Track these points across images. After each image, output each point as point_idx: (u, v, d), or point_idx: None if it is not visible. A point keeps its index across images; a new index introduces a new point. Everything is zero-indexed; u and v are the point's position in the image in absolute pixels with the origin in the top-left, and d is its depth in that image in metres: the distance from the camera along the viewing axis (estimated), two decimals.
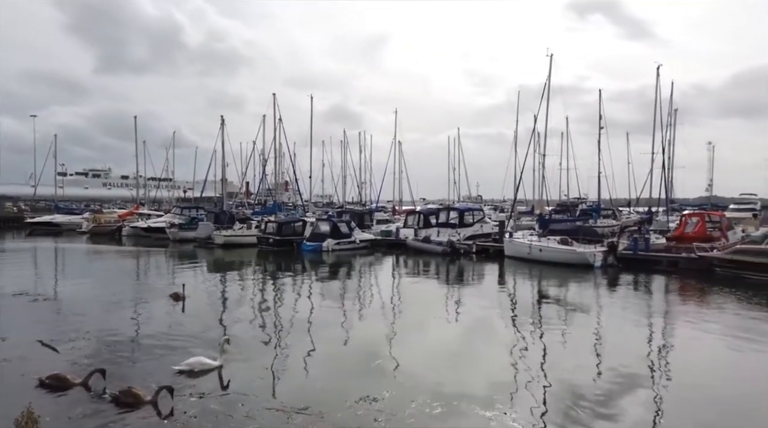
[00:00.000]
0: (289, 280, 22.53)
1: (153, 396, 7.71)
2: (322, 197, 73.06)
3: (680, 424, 7.22)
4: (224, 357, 9.66)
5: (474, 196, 75.30)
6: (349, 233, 33.05)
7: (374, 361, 10.10)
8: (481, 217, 36.14)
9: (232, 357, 9.97)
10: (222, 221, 38.58)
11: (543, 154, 35.70)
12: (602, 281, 21.41)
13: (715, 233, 27.52)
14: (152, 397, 7.70)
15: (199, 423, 7.19)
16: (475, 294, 19.24)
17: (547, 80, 32.47)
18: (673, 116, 37.43)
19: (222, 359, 9.56)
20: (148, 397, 7.71)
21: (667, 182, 36.41)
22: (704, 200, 61.29)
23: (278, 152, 49.59)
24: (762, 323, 14.04)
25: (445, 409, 7.68)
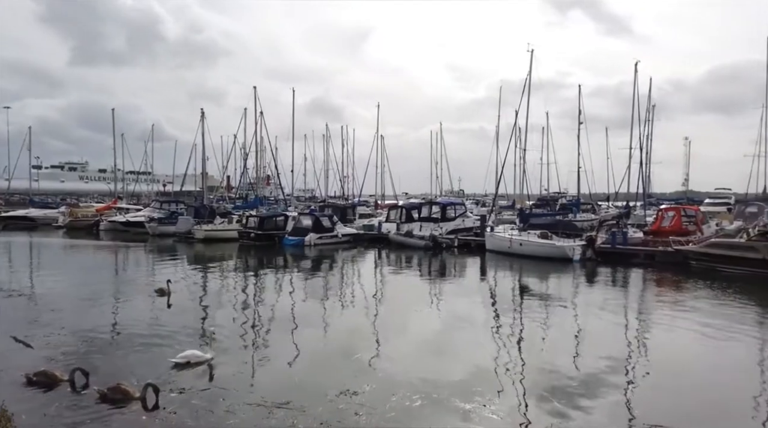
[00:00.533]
0: (271, 275, 22.42)
1: (141, 393, 7.65)
2: (305, 191, 72.70)
3: (656, 412, 7.39)
4: (214, 348, 9.73)
5: (456, 190, 75.61)
6: (332, 228, 32.99)
7: (355, 355, 10.13)
8: (463, 211, 36.34)
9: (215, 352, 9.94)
10: (202, 215, 38.16)
11: (524, 149, 36.03)
12: (581, 274, 21.74)
13: (691, 227, 28.10)
14: (140, 393, 7.64)
15: (179, 418, 7.15)
16: (456, 288, 19.39)
17: (528, 76, 32.69)
18: (650, 111, 38.01)
19: (212, 351, 9.63)
20: (137, 394, 7.65)
21: (644, 177, 37.05)
22: (681, 195, 62.47)
23: (259, 145, 49.12)
24: (734, 314, 14.40)
25: (426, 402, 7.75)
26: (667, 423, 6.93)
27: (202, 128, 45.18)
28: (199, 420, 7.10)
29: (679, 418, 7.15)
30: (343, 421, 7.01)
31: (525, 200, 43.48)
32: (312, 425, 6.91)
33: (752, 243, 20.67)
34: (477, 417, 7.28)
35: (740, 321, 13.52)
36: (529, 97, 32.98)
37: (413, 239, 31.16)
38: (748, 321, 13.82)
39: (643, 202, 37.87)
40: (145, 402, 7.53)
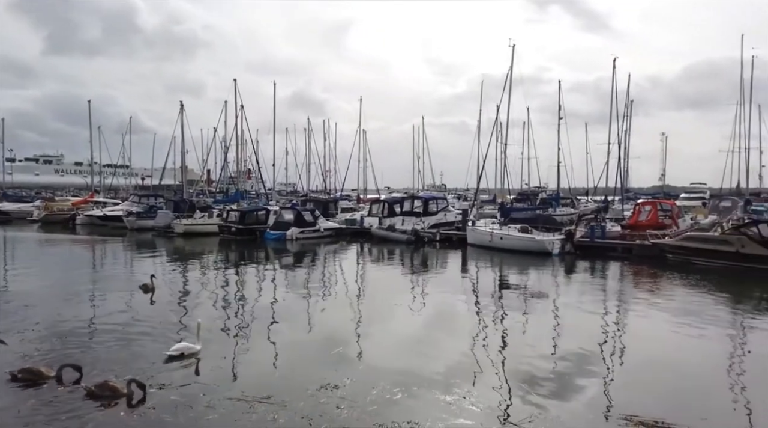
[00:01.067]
0: (253, 269, 22.28)
1: (128, 389, 7.57)
2: (286, 185, 72.22)
3: (632, 403, 7.54)
4: (201, 339, 9.76)
5: (438, 185, 75.91)
6: (314, 222, 32.88)
7: (335, 349, 10.13)
8: (445, 206, 36.51)
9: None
10: (182, 209, 37.71)
11: (505, 143, 36.25)
12: (560, 268, 22.04)
13: (667, 221, 28.68)
14: (127, 390, 7.56)
15: (156, 414, 7.08)
16: (438, 282, 19.50)
17: (509, 71, 32.88)
18: (629, 107, 38.58)
19: (200, 342, 9.66)
20: (125, 390, 7.57)
21: (622, 172, 37.65)
22: (657, 189, 63.62)
23: (240, 139, 48.58)
24: (708, 306, 14.77)
25: (406, 394, 7.80)
26: (643, 413, 7.08)
27: (182, 121, 44.56)
28: (177, 416, 7.05)
29: (654, 408, 7.30)
30: (325, 415, 7.02)
31: (506, 195, 43.84)
32: (293, 419, 6.91)
33: (726, 237, 21.18)
34: (457, 409, 7.35)
35: (714, 313, 13.87)
36: (510, 93, 33.21)
37: (395, 233, 31.22)
38: (722, 312, 14.19)
39: (621, 196, 38.48)
40: (131, 399, 7.46)
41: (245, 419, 6.92)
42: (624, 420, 6.91)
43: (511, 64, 32.76)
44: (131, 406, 7.31)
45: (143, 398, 7.46)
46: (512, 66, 32.75)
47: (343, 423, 6.79)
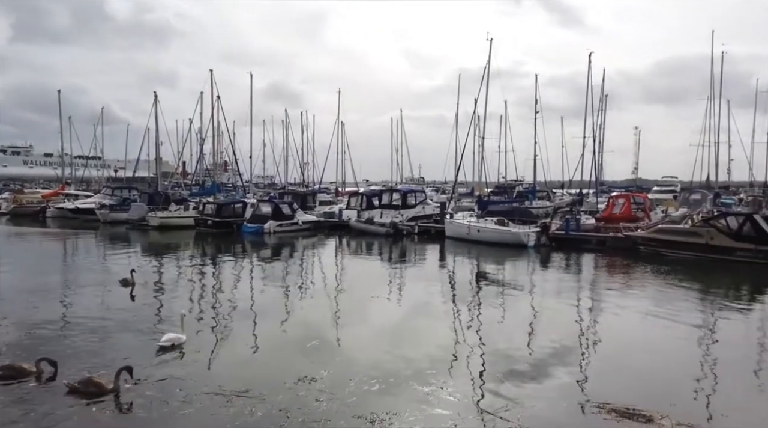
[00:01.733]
0: (230, 262, 22.06)
1: (114, 383, 7.46)
2: (264, 177, 71.45)
3: (606, 391, 7.71)
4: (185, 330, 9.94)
5: (417, 177, 76.05)
6: (292, 215, 32.67)
7: (311, 341, 10.12)
8: (423, 199, 36.65)
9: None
10: (157, 202, 37.07)
11: (482, 137, 36.51)
12: (535, 260, 22.36)
13: (640, 214, 29.34)
14: (114, 384, 7.45)
15: (131, 410, 6.98)
16: (415, 274, 19.60)
17: (486, 65, 32.98)
18: (603, 101, 39.17)
19: (185, 333, 9.83)
20: (110, 385, 7.44)
21: (597, 165, 38.21)
22: (630, 183, 64.95)
23: (217, 130, 47.83)
24: (679, 296, 15.16)
25: (383, 386, 7.84)
26: (615, 400, 7.26)
27: (156, 112, 43.70)
28: (152, 411, 6.96)
29: (626, 395, 7.48)
30: (304, 407, 7.02)
31: (484, 188, 44.18)
32: (271, 412, 6.89)
33: (696, 229, 21.75)
34: (435, 399, 7.42)
35: (684, 303, 14.26)
36: (488, 87, 33.36)
37: (374, 226, 31.24)
38: (692, 302, 14.60)
39: (596, 189, 39.11)
40: (118, 395, 7.37)
41: (222, 413, 6.88)
42: (597, 408, 7.08)
43: (488, 58, 32.88)
44: (117, 400, 7.24)
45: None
46: (489, 60, 32.87)
47: (322, 416, 6.80)
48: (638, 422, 6.59)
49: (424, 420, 6.74)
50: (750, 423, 6.83)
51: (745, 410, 7.39)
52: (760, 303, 15.41)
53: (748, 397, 7.93)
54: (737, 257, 20.08)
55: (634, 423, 6.57)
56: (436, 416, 6.88)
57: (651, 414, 6.71)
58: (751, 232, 20.62)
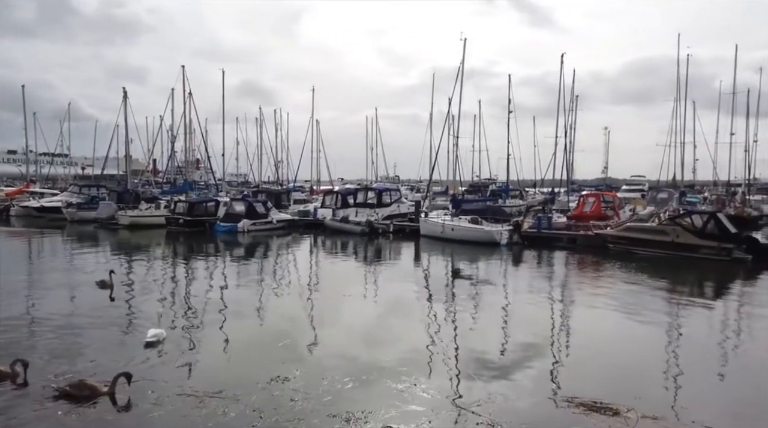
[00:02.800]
0: (203, 262, 21.75)
1: (110, 387, 7.33)
2: (237, 176, 70.59)
3: (577, 385, 7.87)
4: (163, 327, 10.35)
5: (392, 176, 76.19)
6: (266, 214, 32.40)
7: (283, 341, 10.10)
8: (398, 197, 36.81)
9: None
10: (126, 200, 36.34)
11: (456, 136, 36.80)
12: (508, 258, 22.68)
13: (609, 212, 30.04)
14: (109, 388, 7.32)
15: (98, 413, 6.84)
16: (390, 272, 19.67)
17: (461, 65, 33.29)
18: (574, 102, 39.92)
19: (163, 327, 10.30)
20: (105, 388, 7.30)
21: (568, 165, 38.96)
22: (601, 181, 66.38)
23: (188, 128, 47.03)
24: (645, 292, 15.62)
25: (357, 384, 7.87)
26: (584, 394, 7.44)
27: (125, 108, 42.65)
28: (120, 414, 6.84)
29: (594, 389, 7.67)
30: (279, 408, 6.98)
31: (458, 186, 44.55)
32: (245, 412, 6.85)
33: (662, 227, 22.40)
34: (410, 396, 7.49)
35: (651, 299, 14.68)
36: (461, 86, 33.66)
37: (349, 224, 31.20)
38: (658, 298, 15.02)
39: (567, 188, 39.87)
40: (113, 397, 7.26)
41: (194, 414, 6.80)
42: (566, 402, 7.25)
43: (462, 58, 33.20)
44: (115, 404, 7.13)
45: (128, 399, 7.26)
46: (464, 60, 33.20)
47: (297, 415, 6.78)
48: (605, 415, 6.77)
49: (399, 417, 6.79)
50: (711, 413, 7.09)
51: (707, 401, 7.66)
52: (722, 299, 15.95)
53: (711, 389, 8.23)
54: (702, 254, 20.75)
55: (601, 416, 6.75)
56: (411, 412, 6.95)
57: (618, 408, 6.91)
58: (714, 230, 21.32)
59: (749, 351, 10.42)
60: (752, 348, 10.63)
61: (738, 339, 11.39)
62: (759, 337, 11.52)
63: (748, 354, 10.19)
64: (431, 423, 6.64)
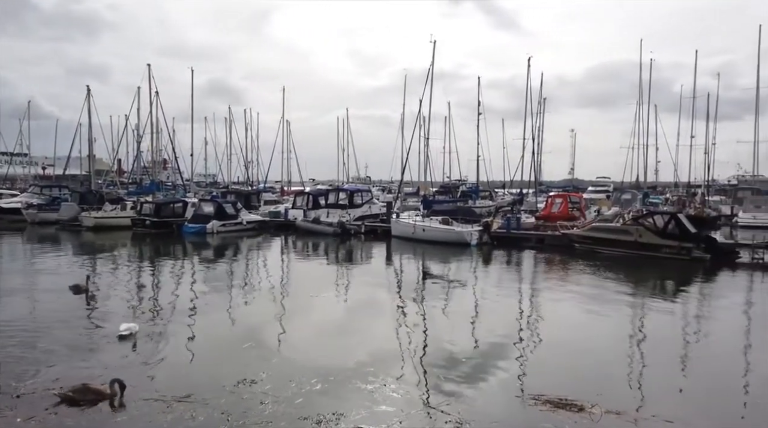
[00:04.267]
0: (170, 264, 21.32)
1: (111, 390, 7.19)
2: (206, 176, 69.47)
3: (543, 383, 8.03)
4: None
5: (363, 177, 76.19)
6: (236, 215, 32.00)
7: (247, 343, 10.05)
8: (370, 198, 36.85)
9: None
10: (89, 201, 35.37)
11: (427, 138, 37.09)
12: (478, 258, 22.98)
13: (576, 213, 30.76)
14: (110, 391, 7.18)
15: (58, 419, 6.64)
16: (361, 273, 19.68)
17: (430, 67, 33.60)
18: (542, 104, 40.76)
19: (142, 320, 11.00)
20: (107, 391, 7.18)
21: (536, 166, 39.76)
22: (568, 183, 67.91)
23: (155, 127, 46.01)
24: (609, 291, 16.04)
25: (326, 385, 7.86)
26: (549, 391, 7.60)
27: (89, 107, 41.55)
28: (80, 419, 6.66)
29: (560, 387, 7.83)
30: (249, 411, 6.91)
31: (429, 187, 44.89)
32: (212, 416, 6.76)
33: (626, 227, 23.03)
34: (379, 395, 7.52)
35: (615, 297, 15.07)
36: (431, 88, 33.94)
37: (321, 225, 31.08)
38: (622, 296, 15.42)
39: (535, 189, 40.65)
40: (113, 401, 7.14)
41: (160, 419, 6.67)
42: (533, 400, 7.40)
43: (432, 61, 33.50)
44: (113, 407, 7.01)
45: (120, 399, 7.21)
46: (433, 62, 33.52)
47: (268, 418, 6.73)
48: (571, 412, 6.94)
49: (370, 417, 6.81)
50: (672, 407, 7.34)
51: (667, 396, 7.91)
52: (682, 297, 16.49)
53: (671, 384, 8.49)
54: (663, 254, 21.42)
55: (567, 413, 6.92)
56: (382, 413, 6.98)
57: (582, 404, 7.10)
58: (675, 230, 22.04)
59: (707, 346, 10.84)
60: (710, 344, 11.05)
61: (697, 335, 11.82)
62: (717, 333, 11.97)
63: (707, 349, 10.60)
64: (402, 423, 6.68)
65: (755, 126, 45.19)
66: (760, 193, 42.53)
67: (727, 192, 51.06)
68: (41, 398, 7.22)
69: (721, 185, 56.57)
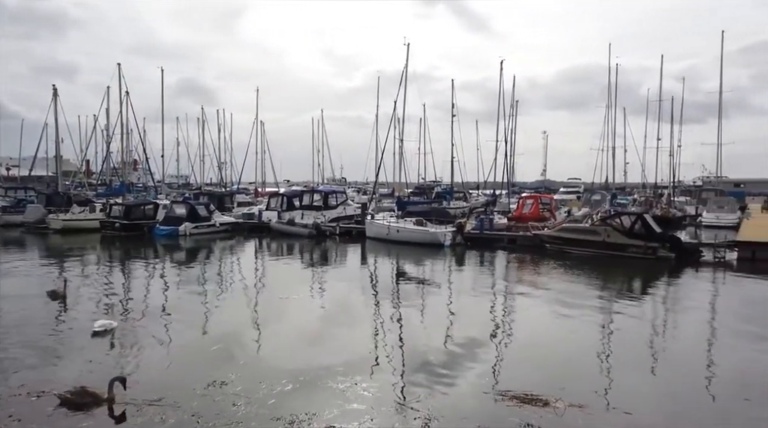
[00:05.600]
0: (141, 267, 20.95)
1: (109, 392, 7.17)
2: (178, 177, 68.38)
3: (514, 380, 8.24)
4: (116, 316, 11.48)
5: (338, 178, 76.10)
6: (209, 216, 31.65)
7: (218, 345, 10.06)
8: (344, 199, 36.85)
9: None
10: (57, 203, 34.54)
11: (401, 139, 37.31)
12: (451, 258, 23.25)
13: (547, 214, 31.37)
14: (109, 393, 7.15)
15: (22, 426, 6.54)
16: (335, 275, 19.72)
17: (404, 69, 33.82)
18: (514, 107, 41.40)
19: (116, 318, 11.31)
20: (105, 395, 7.14)
21: (509, 168, 40.35)
22: (540, 184, 69.12)
23: (126, 127, 45.12)
24: (580, 289, 16.49)
25: (297, 385, 7.92)
26: (519, 387, 7.82)
27: (56, 106, 40.48)
28: (46, 425, 6.57)
29: (529, 383, 8.05)
30: (222, 413, 6.91)
31: (404, 189, 45.14)
32: (183, 419, 6.75)
33: (594, 228, 23.62)
34: (351, 394, 7.62)
35: (584, 295, 15.50)
36: (405, 89, 34.17)
37: (296, 227, 30.99)
38: (592, 294, 15.84)
39: (508, 190, 41.24)
40: (113, 404, 7.12)
41: (131, 422, 6.65)
42: (500, 395, 7.61)
43: (406, 63, 33.72)
44: (111, 410, 7.03)
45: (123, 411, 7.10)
46: (407, 64, 33.74)
47: (241, 419, 6.75)
48: (537, 406, 7.16)
49: (342, 416, 6.90)
50: (632, 399, 7.62)
51: (628, 389, 8.19)
52: (646, 295, 17.02)
53: (632, 378, 8.79)
54: (630, 253, 22.03)
55: (533, 407, 7.14)
56: (353, 411, 7.08)
57: (547, 399, 7.33)
58: (641, 230, 22.71)
59: (669, 342, 11.25)
60: (672, 340, 11.48)
61: (659, 331, 12.25)
62: (678, 329, 12.43)
63: (668, 345, 11.00)
64: (373, 421, 6.79)
65: (718, 129, 46.92)
66: (723, 194, 43.96)
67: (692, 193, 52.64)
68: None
69: (686, 186, 58.32)
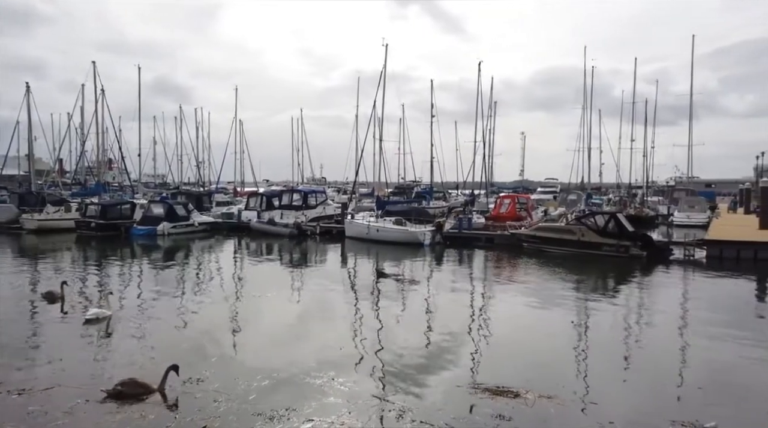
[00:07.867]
0: (117, 267, 20.75)
1: (161, 384, 7.49)
2: (155, 177, 67.54)
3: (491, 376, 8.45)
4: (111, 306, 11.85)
5: (318, 178, 76.02)
6: (187, 216, 31.43)
7: (191, 342, 10.16)
8: (324, 199, 36.95)
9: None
10: (30, 203, 33.94)
11: (381, 139, 37.58)
12: (431, 257, 23.54)
13: (523, 213, 31.94)
14: (160, 385, 7.48)
15: None
16: (316, 274, 19.83)
17: (383, 70, 34.12)
18: (492, 108, 42.02)
19: (111, 309, 11.67)
20: (154, 386, 7.47)
21: (487, 168, 40.93)
22: (518, 184, 70.09)
23: (101, 126, 44.45)
24: (556, 287, 16.89)
25: (274, 382, 8.04)
26: (488, 381, 8.07)
27: (28, 104, 39.77)
28: (24, 424, 6.58)
29: (504, 377, 8.30)
30: (203, 409, 6.98)
31: (384, 188, 45.39)
32: (161, 414, 6.83)
33: (570, 227, 24.18)
34: (329, 389, 7.78)
35: (557, 292, 15.90)
36: (384, 90, 34.43)
37: (277, 227, 30.98)
38: (567, 292, 16.25)
39: (486, 190, 41.81)
40: (164, 394, 7.42)
41: (109, 420, 6.69)
42: (473, 389, 7.86)
43: (384, 64, 34.06)
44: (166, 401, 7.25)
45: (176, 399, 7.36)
46: (386, 65, 34.05)
47: (222, 414, 6.84)
48: (508, 398, 7.43)
49: (320, 409, 7.05)
50: (599, 389, 7.95)
51: (597, 380, 8.52)
52: (618, 291, 17.52)
53: (600, 370, 9.14)
54: (603, 252, 22.62)
55: (505, 399, 7.39)
56: (331, 405, 7.23)
57: (518, 390, 7.62)
58: (614, 229, 23.31)
59: (638, 336, 11.65)
60: (641, 334, 11.88)
61: (629, 326, 12.65)
62: (646, 324, 12.86)
63: (637, 339, 11.39)
64: (350, 413, 6.96)
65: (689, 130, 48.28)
66: (694, 194, 45.25)
67: (665, 193, 54.02)
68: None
69: (659, 186, 59.82)
